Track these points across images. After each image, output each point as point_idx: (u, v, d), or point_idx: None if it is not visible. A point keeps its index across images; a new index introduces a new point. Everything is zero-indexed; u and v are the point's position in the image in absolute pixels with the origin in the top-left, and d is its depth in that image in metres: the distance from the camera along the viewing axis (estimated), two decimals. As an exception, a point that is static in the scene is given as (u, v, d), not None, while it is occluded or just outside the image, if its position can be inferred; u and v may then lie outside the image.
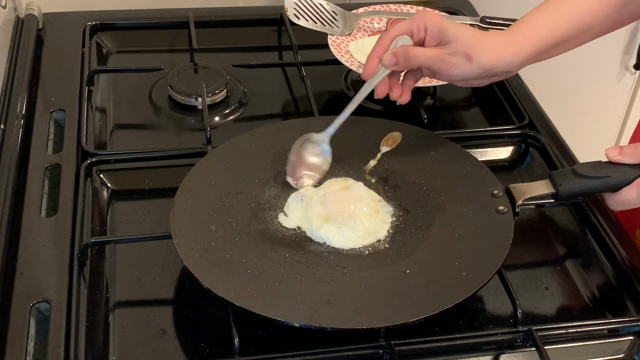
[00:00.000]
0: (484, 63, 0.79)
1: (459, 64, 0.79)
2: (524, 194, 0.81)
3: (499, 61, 0.80)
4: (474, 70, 0.80)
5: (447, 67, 0.80)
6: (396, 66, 0.81)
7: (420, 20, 0.81)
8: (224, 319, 0.72)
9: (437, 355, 0.73)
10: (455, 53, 0.79)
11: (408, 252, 0.78)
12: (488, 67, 0.80)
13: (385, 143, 0.91)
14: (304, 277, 0.74)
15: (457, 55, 0.79)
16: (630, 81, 1.69)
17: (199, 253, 0.74)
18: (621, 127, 1.78)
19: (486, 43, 0.80)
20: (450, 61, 0.79)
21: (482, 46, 0.79)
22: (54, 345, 0.69)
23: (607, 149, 0.79)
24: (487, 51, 0.79)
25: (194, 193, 0.81)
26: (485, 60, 0.79)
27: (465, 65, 0.79)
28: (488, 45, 0.80)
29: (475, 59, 0.79)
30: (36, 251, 0.79)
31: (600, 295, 0.81)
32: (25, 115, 0.96)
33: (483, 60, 0.79)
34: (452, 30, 0.80)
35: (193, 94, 1.02)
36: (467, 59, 0.79)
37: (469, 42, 0.79)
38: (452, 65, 0.80)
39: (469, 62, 0.79)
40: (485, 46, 0.79)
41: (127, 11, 1.20)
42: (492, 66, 0.80)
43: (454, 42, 0.79)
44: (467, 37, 0.79)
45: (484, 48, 0.79)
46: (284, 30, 1.18)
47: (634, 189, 0.77)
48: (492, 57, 0.80)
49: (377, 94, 0.84)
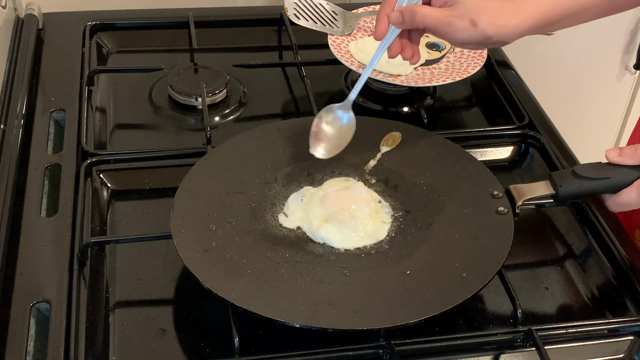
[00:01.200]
0: (487, 30, 0.79)
1: (463, 29, 0.79)
2: (524, 194, 0.81)
3: (501, 30, 0.79)
4: (477, 36, 0.79)
5: (452, 30, 0.79)
6: (402, 24, 0.80)
7: None
8: (224, 319, 0.72)
9: (437, 355, 0.73)
10: (461, 16, 0.78)
11: (408, 252, 0.78)
12: (490, 34, 0.79)
13: (385, 143, 0.91)
14: (305, 278, 0.74)
15: (463, 19, 0.78)
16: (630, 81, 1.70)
17: (199, 253, 0.74)
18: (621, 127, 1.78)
19: (491, 10, 0.79)
20: (456, 25, 0.79)
21: (487, 13, 0.79)
22: (54, 345, 0.69)
23: (607, 150, 0.79)
24: (491, 18, 0.79)
25: (194, 193, 0.81)
26: (489, 28, 0.79)
27: (470, 30, 0.79)
28: (493, 13, 0.79)
29: (480, 26, 0.78)
30: (36, 251, 0.79)
31: (600, 295, 0.81)
32: (25, 115, 0.96)
33: (487, 27, 0.79)
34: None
35: (193, 94, 1.02)
36: (471, 24, 0.78)
37: (474, 7, 0.78)
38: (457, 29, 0.79)
39: (473, 27, 0.78)
40: (490, 13, 0.79)
41: (127, 11, 1.20)
42: (494, 34, 0.79)
43: (460, 4, 0.78)
44: (472, 1, 0.79)
45: (489, 15, 0.79)
46: (284, 30, 1.18)
47: (634, 191, 0.77)
48: (496, 25, 0.79)
49: (391, 54, 0.83)
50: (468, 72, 1.03)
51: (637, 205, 0.78)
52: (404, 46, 0.83)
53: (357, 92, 0.85)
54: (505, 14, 0.80)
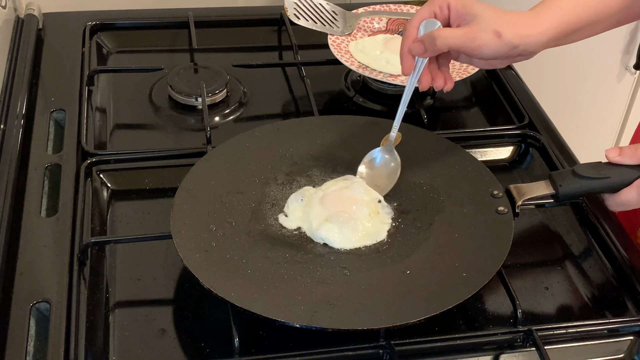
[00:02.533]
0: (512, 40, 0.77)
1: (489, 42, 0.77)
2: (524, 194, 0.81)
3: (526, 39, 0.78)
4: (503, 48, 0.77)
5: (478, 45, 0.77)
6: (425, 53, 0.79)
7: (442, 0, 0.79)
8: (224, 319, 0.72)
9: (437, 355, 0.73)
10: (484, 30, 0.77)
11: (408, 252, 0.78)
12: (516, 44, 0.77)
13: (386, 143, 0.90)
14: (305, 278, 0.74)
15: (486, 32, 0.77)
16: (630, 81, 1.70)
17: (199, 253, 0.74)
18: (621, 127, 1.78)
19: (513, 20, 0.78)
20: (480, 38, 0.77)
21: (509, 23, 0.77)
22: (54, 345, 0.69)
23: (607, 150, 0.79)
24: (514, 28, 0.77)
25: (194, 193, 0.81)
26: (514, 37, 0.77)
27: (495, 42, 0.77)
28: (515, 22, 0.77)
29: (505, 36, 0.76)
30: (36, 251, 0.79)
31: (600, 295, 0.81)
32: (25, 115, 0.96)
33: (512, 36, 0.77)
34: (476, 7, 0.77)
35: (193, 94, 1.02)
36: (496, 36, 0.77)
37: (495, 18, 0.77)
38: (482, 43, 0.77)
39: (498, 39, 0.77)
40: (512, 23, 0.77)
41: (127, 11, 1.20)
42: (519, 43, 0.77)
43: (480, 18, 0.77)
44: (492, 13, 0.77)
45: (512, 25, 0.77)
46: (284, 30, 1.18)
47: (634, 190, 0.77)
48: (519, 34, 0.77)
49: (422, 86, 0.81)
50: (468, 72, 1.03)
51: (637, 204, 0.78)
52: (434, 75, 0.82)
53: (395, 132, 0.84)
54: (527, 23, 0.78)
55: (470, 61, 0.83)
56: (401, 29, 1.13)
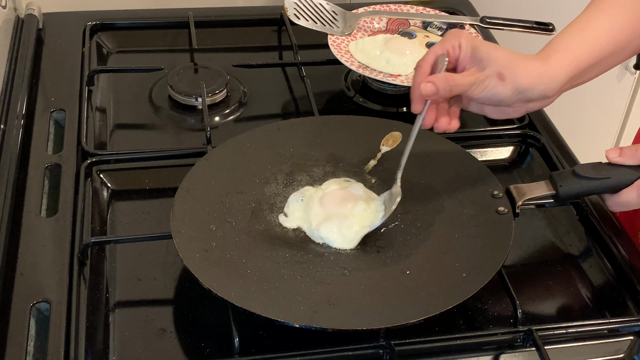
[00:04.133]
0: (517, 83, 0.74)
1: (492, 85, 0.74)
2: (524, 194, 0.81)
3: (534, 82, 0.75)
4: (507, 91, 0.75)
5: (481, 89, 0.75)
6: (437, 95, 0.75)
7: (454, 38, 0.77)
8: (224, 319, 0.72)
9: (437, 355, 0.73)
10: (489, 73, 0.75)
11: (408, 252, 0.78)
12: (522, 88, 0.75)
13: (386, 143, 0.90)
14: (304, 278, 0.74)
15: (491, 76, 0.75)
16: (630, 81, 1.69)
17: (199, 253, 0.74)
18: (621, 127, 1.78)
19: (519, 63, 0.75)
20: (484, 83, 0.75)
21: (515, 66, 0.74)
22: (54, 345, 0.69)
23: (607, 150, 0.79)
24: (520, 70, 0.74)
25: (194, 193, 0.81)
26: (519, 81, 0.74)
27: (498, 85, 0.74)
28: (521, 65, 0.75)
29: (508, 79, 0.74)
30: (36, 251, 0.79)
31: (600, 295, 0.81)
32: (25, 115, 0.96)
33: (517, 80, 0.74)
34: (484, 49, 0.76)
35: (193, 94, 1.02)
36: (500, 79, 0.74)
37: (501, 61, 0.75)
38: (486, 86, 0.75)
39: (501, 82, 0.74)
40: (518, 66, 0.75)
41: (127, 11, 1.20)
42: (526, 88, 0.75)
43: (487, 61, 0.75)
44: (499, 56, 0.75)
45: (518, 68, 0.74)
46: (284, 30, 1.18)
47: (634, 191, 0.77)
48: (526, 77, 0.74)
49: (424, 124, 0.78)
50: (468, 72, 1.03)
51: (637, 205, 0.78)
52: (440, 115, 0.79)
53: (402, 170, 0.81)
54: (534, 65, 0.75)
55: (482, 109, 0.80)
56: (401, 29, 1.13)
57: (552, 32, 1.12)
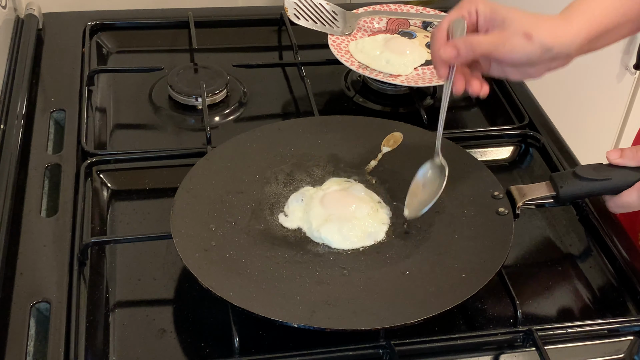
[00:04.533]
0: (545, 41, 0.74)
1: (520, 45, 0.74)
2: (525, 195, 0.81)
3: (559, 40, 0.75)
4: (535, 50, 0.74)
5: (509, 49, 0.75)
6: (458, 58, 0.76)
7: (470, 4, 0.77)
8: (224, 319, 0.72)
9: (437, 355, 0.73)
10: (513, 33, 0.75)
11: (407, 253, 0.78)
12: (549, 45, 0.74)
13: (387, 143, 0.90)
14: (303, 278, 0.74)
15: (516, 35, 0.74)
16: (630, 81, 1.69)
17: (199, 252, 0.74)
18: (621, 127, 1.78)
19: (543, 22, 0.75)
20: (511, 42, 0.74)
21: (539, 24, 0.74)
22: (54, 345, 0.70)
23: (608, 151, 0.79)
24: (545, 29, 0.74)
25: (195, 192, 0.81)
26: (546, 39, 0.74)
27: (527, 45, 0.74)
28: (545, 24, 0.75)
29: (536, 37, 0.74)
30: (36, 251, 0.79)
31: (600, 295, 0.81)
32: (25, 115, 0.96)
33: (543, 38, 0.74)
34: (504, 11, 0.76)
35: (193, 94, 1.02)
36: (527, 39, 0.74)
37: (525, 21, 0.75)
38: (513, 46, 0.74)
39: (529, 41, 0.74)
40: (542, 25, 0.75)
41: (127, 11, 1.20)
42: (552, 45, 0.74)
43: (510, 22, 0.75)
44: (522, 16, 0.75)
45: (543, 26, 0.74)
46: (284, 30, 1.18)
47: (635, 192, 0.77)
48: (552, 35, 0.74)
49: (456, 90, 0.78)
50: (468, 72, 1.03)
51: (638, 206, 0.78)
52: (469, 79, 0.79)
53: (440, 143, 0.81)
54: (558, 24, 0.76)
55: (504, 71, 0.80)
56: (401, 29, 1.13)
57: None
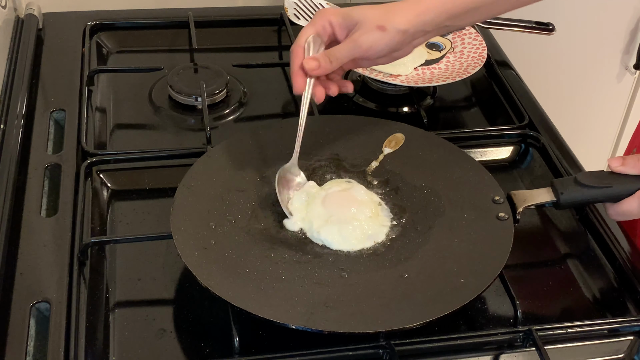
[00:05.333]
0: (398, 27, 0.78)
1: (377, 39, 0.79)
2: (525, 201, 0.81)
3: (412, 22, 0.79)
4: (392, 37, 0.79)
5: (368, 46, 0.79)
6: (319, 69, 0.80)
7: (321, 18, 0.81)
8: (224, 319, 0.72)
9: (437, 355, 0.73)
10: (367, 31, 0.78)
11: (407, 256, 0.78)
12: (403, 29, 0.79)
13: (388, 144, 0.90)
14: (302, 279, 0.74)
15: (371, 32, 0.78)
16: (630, 81, 1.69)
17: (198, 251, 0.74)
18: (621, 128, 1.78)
19: (394, 10, 0.79)
20: (367, 41, 0.79)
21: (390, 13, 0.79)
22: (54, 345, 0.69)
23: (610, 159, 0.79)
24: (396, 16, 0.79)
25: (195, 189, 0.81)
26: (399, 24, 0.78)
27: (383, 36, 0.78)
28: (396, 11, 0.79)
29: (389, 26, 0.78)
30: (36, 251, 0.79)
31: (600, 295, 0.81)
32: (25, 115, 0.96)
33: (397, 24, 0.78)
34: (355, 14, 0.79)
35: (193, 94, 1.02)
36: (381, 31, 0.78)
37: (376, 15, 0.79)
38: (371, 43, 0.79)
39: (384, 32, 0.78)
40: (393, 13, 0.79)
41: (127, 11, 1.20)
42: (407, 27, 0.79)
43: (362, 21, 0.79)
44: (372, 12, 0.79)
45: (393, 14, 0.79)
46: (284, 30, 1.18)
47: (635, 201, 0.77)
48: (403, 19, 0.79)
49: (317, 98, 0.82)
50: (468, 72, 1.03)
51: (638, 215, 0.78)
52: (326, 85, 0.83)
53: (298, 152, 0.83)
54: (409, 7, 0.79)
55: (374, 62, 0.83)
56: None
57: (552, 32, 1.12)
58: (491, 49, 1.14)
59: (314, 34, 0.81)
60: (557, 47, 1.53)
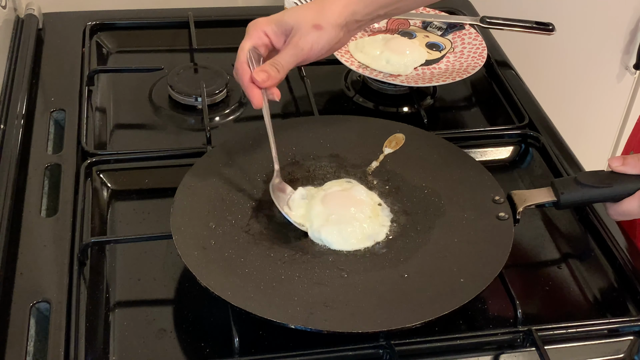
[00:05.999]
0: (333, 22, 0.81)
1: (316, 38, 0.80)
2: (525, 201, 0.81)
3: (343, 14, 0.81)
4: (330, 33, 0.81)
5: (309, 47, 0.80)
6: (270, 80, 0.80)
7: (255, 29, 0.82)
8: (224, 319, 0.72)
9: (437, 355, 0.73)
10: (304, 34, 0.80)
11: (407, 256, 0.78)
12: (339, 22, 0.81)
13: (389, 145, 0.90)
14: (302, 278, 0.74)
15: (308, 33, 0.80)
16: (630, 81, 1.69)
17: (198, 250, 0.74)
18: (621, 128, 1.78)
19: (325, 7, 0.81)
20: (306, 43, 0.80)
21: (322, 11, 0.81)
22: (54, 345, 0.69)
23: (610, 158, 0.79)
24: (329, 12, 0.81)
25: (195, 189, 0.81)
26: (333, 19, 0.81)
27: (321, 35, 0.80)
28: (327, 8, 0.81)
29: (324, 24, 0.80)
30: (36, 251, 0.79)
31: (600, 295, 0.81)
32: (25, 115, 0.96)
33: (331, 19, 0.80)
34: (289, 19, 0.81)
35: (193, 94, 1.02)
36: (318, 29, 0.80)
37: (309, 15, 0.80)
38: (311, 44, 0.80)
39: (321, 31, 0.80)
40: (325, 9, 0.81)
41: (127, 11, 1.20)
42: (342, 21, 0.81)
43: (298, 25, 0.80)
44: (305, 13, 0.81)
45: (325, 11, 0.81)
46: (284, 30, 1.18)
47: (636, 201, 0.77)
48: (336, 13, 0.81)
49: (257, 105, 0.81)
50: (468, 72, 1.03)
51: (638, 215, 0.78)
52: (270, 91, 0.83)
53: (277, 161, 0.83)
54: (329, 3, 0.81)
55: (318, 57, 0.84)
56: (401, 29, 1.13)
57: (552, 32, 1.12)
58: (491, 49, 1.14)
59: (251, 47, 0.82)
60: (557, 47, 1.53)
